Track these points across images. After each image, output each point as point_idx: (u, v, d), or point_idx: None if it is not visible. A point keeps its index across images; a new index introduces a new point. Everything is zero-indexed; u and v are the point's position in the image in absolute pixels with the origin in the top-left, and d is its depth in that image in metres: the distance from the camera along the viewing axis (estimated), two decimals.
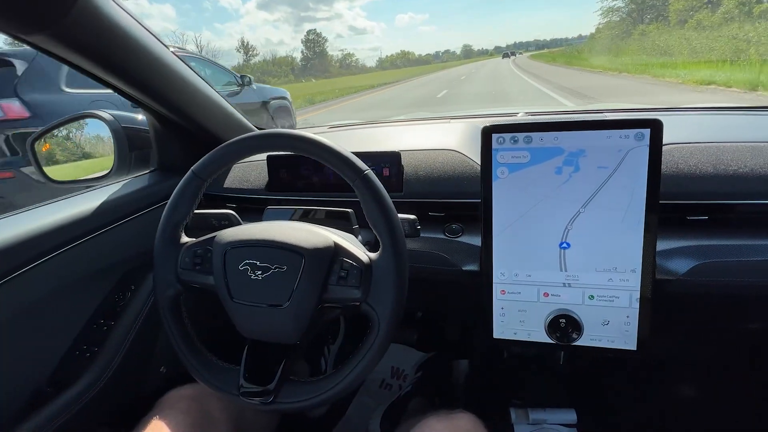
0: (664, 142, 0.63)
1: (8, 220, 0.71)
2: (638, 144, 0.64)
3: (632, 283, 0.67)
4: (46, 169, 1.01)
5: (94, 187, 0.91)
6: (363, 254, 0.61)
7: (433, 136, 1.04)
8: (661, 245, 0.70)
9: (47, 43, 0.62)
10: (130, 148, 0.98)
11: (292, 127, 3.37)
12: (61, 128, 1.05)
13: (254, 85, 5.80)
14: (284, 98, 6.52)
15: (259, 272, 0.60)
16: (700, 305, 0.81)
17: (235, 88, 5.49)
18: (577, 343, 0.70)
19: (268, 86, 6.67)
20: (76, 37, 0.63)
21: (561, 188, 0.68)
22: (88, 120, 1.02)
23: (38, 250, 0.70)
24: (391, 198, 0.62)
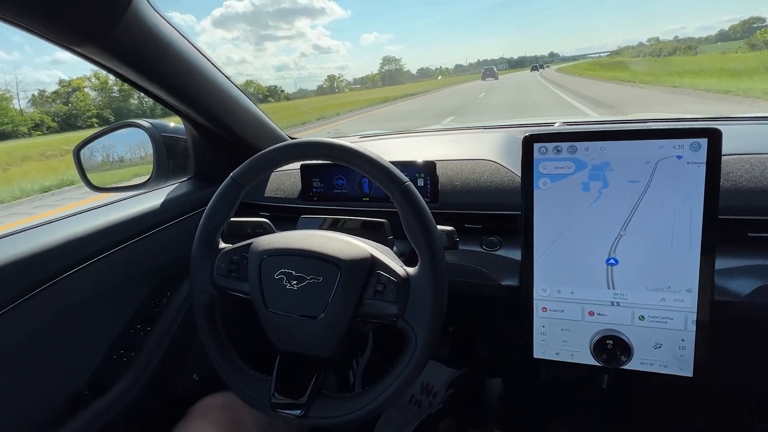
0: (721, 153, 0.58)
1: (51, 226, 0.73)
2: (675, 153, 0.60)
3: (688, 303, 0.62)
4: (89, 175, 1.05)
5: (133, 195, 0.93)
6: (400, 268, 0.60)
7: (467, 146, 1.01)
8: (720, 264, 0.65)
9: (96, 54, 0.64)
10: (168, 156, 1.00)
11: None
12: (105, 136, 1.09)
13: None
14: None
15: (295, 282, 0.59)
16: (765, 330, 0.75)
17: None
18: (626, 366, 0.66)
19: None
20: (124, 49, 0.65)
21: (600, 202, 0.64)
22: (129, 129, 1.06)
23: (79, 256, 0.72)
24: None
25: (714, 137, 0.58)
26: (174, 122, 1.03)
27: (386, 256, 0.62)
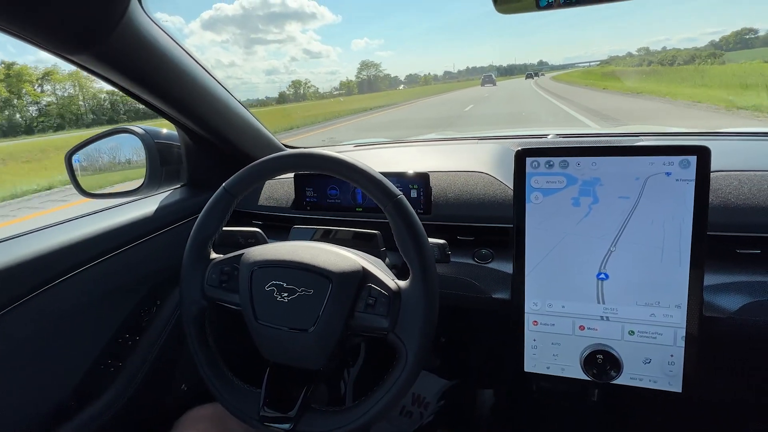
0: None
1: (42, 233, 0.72)
2: (664, 170, 0.61)
3: (677, 319, 0.63)
4: (80, 180, 1.04)
5: (125, 201, 0.92)
6: (392, 281, 0.59)
7: (461, 157, 1.02)
8: (709, 280, 0.65)
9: (90, 63, 0.64)
10: (161, 162, 1.00)
11: None
12: (97, 142, 1.08)
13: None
14: None
15: (285, 294, 0.59)
16: (753, 346, 0.75)
17: None
18: (615, 381, 0.66)
19: None
20: (118, 57, 0.65)
21: (591, 217, 0.65)
22: (122, 135, 1.05)
23: (69, 264, 0.71)
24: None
25: (703, 155, 0.59)
26: (167, 128, 1.03)
27: (378, 268, 0.62)
